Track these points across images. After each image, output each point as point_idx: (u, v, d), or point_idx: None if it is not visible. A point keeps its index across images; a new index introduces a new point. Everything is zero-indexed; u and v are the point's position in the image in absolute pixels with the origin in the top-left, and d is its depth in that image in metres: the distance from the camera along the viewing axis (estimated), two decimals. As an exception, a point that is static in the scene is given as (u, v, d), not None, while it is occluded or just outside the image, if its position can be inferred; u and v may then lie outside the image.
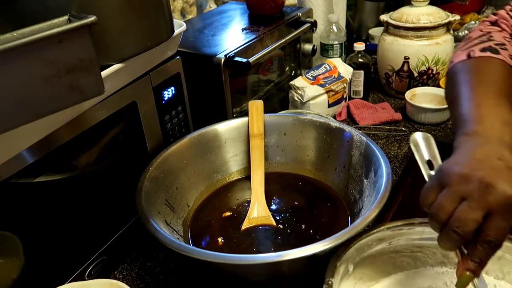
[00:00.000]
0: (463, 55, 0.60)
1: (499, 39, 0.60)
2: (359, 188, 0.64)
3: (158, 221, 0.55)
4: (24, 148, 0.48)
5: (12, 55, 0.36)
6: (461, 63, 0.59)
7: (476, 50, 0.58)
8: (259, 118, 0.73)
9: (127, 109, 0.61)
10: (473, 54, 0.58)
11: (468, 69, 0.57)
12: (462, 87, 0.54)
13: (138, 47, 0.54)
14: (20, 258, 0.52)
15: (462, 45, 0.63)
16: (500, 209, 0.39)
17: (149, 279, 0.64)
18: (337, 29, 1.09)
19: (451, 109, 0.55)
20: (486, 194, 0.39)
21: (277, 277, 0.57)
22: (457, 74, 0.58)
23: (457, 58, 0.60)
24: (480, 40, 0.61)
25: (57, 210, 0.55)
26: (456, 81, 0.56)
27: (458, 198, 0.40)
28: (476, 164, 0.41)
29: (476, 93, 0.51)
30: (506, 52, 0.58)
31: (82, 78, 0.39)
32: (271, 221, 0.64)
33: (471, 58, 0.58)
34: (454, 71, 0.59)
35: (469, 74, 0.55)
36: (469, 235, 0.39)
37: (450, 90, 0.58)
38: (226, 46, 0.83)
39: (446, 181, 0.42)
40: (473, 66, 0.57)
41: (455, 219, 0.40)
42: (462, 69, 0.57)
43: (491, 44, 0.59)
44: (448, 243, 0.41)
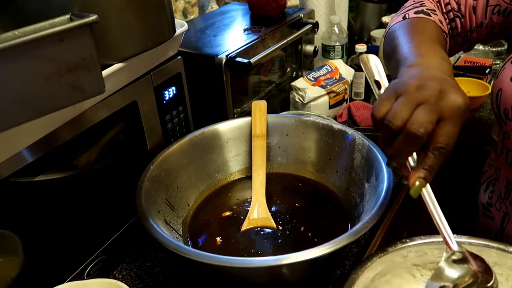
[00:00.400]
0: (399, 17, 0.65)
1: (430, 6, 0.66)
2: (360, 192, 0.64)
3: (157, 220, 0.55)
4: (24, 147, 0.48)
5: (14, 53, 0.36)
6: (398, 23, 0.64)
7: (410, 13, 0.64)
8: (262, 118, 0.73)
9: (127, 109, 0.61)
10: (407, 16, 0.64)
11: (404, 25, 0.61)
12: (400, 38, 0.58)
13: (139, 46, 0.54)
14: (20, 256, 0.52)
15: (398, 13, 0.68)
16: (452, 116, 0.42)
17: (148, 279, 0.64)
18: (338, 31, 1.09)
19: (391, 59, 0.58)
20: (441, 100, 0.42)
21: (275, 281, 0.57)
22: (394, 31, 0.62)
23: (393, 21, 0.66)
24: (413, 6, 0.66)
25: (57, 209, 0.55)
26: (394, 36, 0.61)
27: (414, 104, 0.42)
28: (427, 78, 0.44)
29: (415, 38, 0.56)
30: (437, 17, 0.64)
31: (83, 77, 0.39)
32: (271, 223, 0.64)
33: (406, 19, 0.63)
34: (392, 30, 0.64)
35: (406, 29, 0.60)
36: (425, 136, 0.41)
37: (389, 44, 0.62)
38: (227, 46, 0.83)
39: (401, 91, 0.43)
40: (409, 23, 0.62)
41: (412, 121, 0.41)
42: (399, 26, 0.62)
43: (423, 9, 0.64)
44: (400, 151, 0.43)
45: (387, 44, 0.63)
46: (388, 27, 0.67)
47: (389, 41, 0.62)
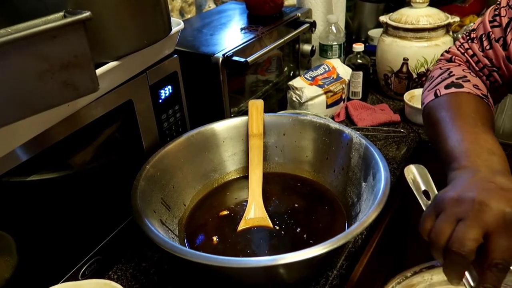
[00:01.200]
0: (431, 95, 0.63)
1: (459, 73, 0.63)
2: (357, 191, 0.63)
3: (153, 220, 0.55)
4: (18, 146, 0.47)
5: (6, 50, 0.35)
6: (431, 102, 0.62)
7: (441, 88, 0.61)
8: (259, 117, 0.72)
9: (123, 108, 0.60)
10: (439, 93, 0.61)
11: (438, 107, 0.59)
12: (439, 126, 0.56)
13: (134, 44, 0.53)
14: (13, 257, 0.52)
15: (427, 86, 0.67)
16: (498, 227, 0.39)
17: (143, 279, 0.64)
18: (336, 30, 1.09)
19: (436, 147, 0.57)
20: (481, 213, 0.39)
21: (272, 281, 0.57)
22: (430, 114, 0.61)
23: (426, 99, 0.64)
24: (442, 78, 0.64)
25: (51, 209, 0.55)
26: (432, 121, 0.59)
27: (454, 220, 0.40)
28: (468, 187, 0.42)
29: (455, 129, 0.53)
30: (469, 83, 0.60)
31: (77, 74, 0.39)
32: (268, 222, 0.64)
33: (438, 96, 0.61)
34: (427, 112, 0.62)
35: (442, 112, 0.57)
36: (471, 255, 0.39)
37: (430, 131, 0.61)
38: (224, 45, 0.82)
39: (440, 206, 0.42)
40: (443, 104, 0.59)
41: (453, 240, 0.39)
42: (434, 108, 0.60)
43: (453, 80, 0.62)
44: (453, 270, 0.41)
45: (427, 128, 0.63)
46: (422, 104, 0.65)
47: (428, 126, 0.62)
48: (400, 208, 0.94)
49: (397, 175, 0.85)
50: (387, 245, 0.93)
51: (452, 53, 0.70)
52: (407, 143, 0.94)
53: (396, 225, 0.97)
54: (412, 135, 0.96)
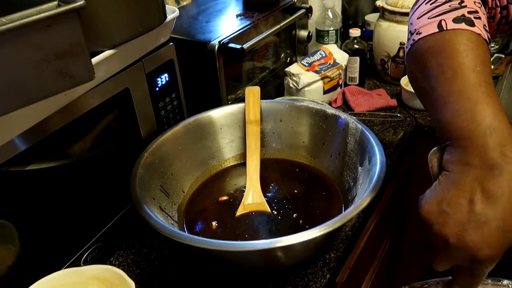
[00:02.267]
0: (433, 25, 0.49)
1: (471, 5, 0.51)
2: (354, 176, 0.64)
3: (152, 207, 0.56)
4: (16, 135, 0.48)
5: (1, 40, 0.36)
6: (431, 37, 0.48)
7: (449, 21, 0.48)
8: (255, 104, 0.73)
9: (120, 96, 0.61)
10: (445, 25, 0.48)
11: (442, 49, 0.47)
12: (434, 79, 0.46)
13: (129, 33, 0.53)
14: (16, 245, 0.53)
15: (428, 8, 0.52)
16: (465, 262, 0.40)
17: (144, 265, 0.65)
18: (332, 15, 1.08)
19: (424, 100, 0.49)
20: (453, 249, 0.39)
21: (270, 264, 0.58)
22: (426, 55, 0.48)
23: (425, 29, 0.49)
24: (451, 5, 0.50)
25: (52, 197, 0.55)
26: (425, 65, 0.48)
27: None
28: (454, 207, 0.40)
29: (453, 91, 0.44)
30: (480, 22, 0.49)
31: (72, 63, 0.39)
32: (266, 207, 0.65)
33: (443, 29, 0.48)
34: (423, 48, 0.49)
35: (441, 58, 0.46)
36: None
37: (420, 77, 0.49)
38: (220, 32, 0.82)
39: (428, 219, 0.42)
40: (447, 44, 0.47)
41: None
42: (433, 49, 0.48)
43: (464, 13, 0.49)
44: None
45: (418, 69, 0.49)
46: (418, 34, 0.50)
47: (421, 67, 0.48)
48: (397, 191, 0.95)
49: (393, 159, 0.85)
50: (384, 228, 0.95)
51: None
52: (403, 127, 0.94)
53: (393, 208, 0.98)
54: (408, 119, 0.96)
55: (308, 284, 0.60)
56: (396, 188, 0.94)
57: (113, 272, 0.50)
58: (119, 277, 0.49)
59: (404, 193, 1.04)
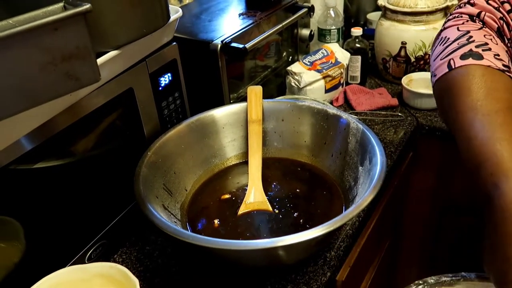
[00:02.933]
0: (444, 66, 0.52)
1: (480, 39, 0.52)
2: (354, 175, 0.65)
3: (155, 206, 0.56)
4: (23, 135, 0.49)
5: (9, 42, 0.36)
6: (443, 78, 0.52)
7: (457, 59, 0.51)
8: (257, 103, 0.73)
9: (124, 96, 0.61)
10: (453, 65, 0.51)
11: (449, 88, 0.51)
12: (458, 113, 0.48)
13: (134, 33, 0.54)
14: (21, 242, 0.53)
15: (440, 50, 0.55)
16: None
17: (148, 262, 0.66)
18: (334, 14, 1.09)
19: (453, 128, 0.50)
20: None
21: (271, 263, 0.59)
22: (442, 96, 0.52)
23: (439, 70, 0.53)
24: (459, 43, 0.53)
25: (57, 196, 0.56)
26: (445, 107, 0.51)
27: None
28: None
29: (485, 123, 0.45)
30: (490, 53, 0.51)
31: (78, 65, 0.40)
32: (268, 206, 0.65)
33: (452, 69, 0.51)
34: (439, 91, 0.53)
35: (451, 99, 0.49)
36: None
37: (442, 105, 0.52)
38: (223, 31, 0.83)
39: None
40: (454, 83, 0.50)
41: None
42: (445, 88, 0.51)
43: (471, 48, 0.51)
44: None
45: (439, 109, 0.54)
46: (434, 76, 0.55)
47: (440, 107, 0.54)
48: (397, 191, 0.96)
49: (394, 159, 0.86)
50: (384, 227, 0.95)
51: (480, 7, 0.57)
52: (404, 127, 0.95)
53: (393, 207, 0.99)
54: (409, 119, 0.97)
55: (309, 282, 0.60)
56: (396, 188, 0.94)
57: (117, 269, 0.51)
58: (124, 274, 0.50)
59: (404, 193, 1.05)
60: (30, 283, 0.50)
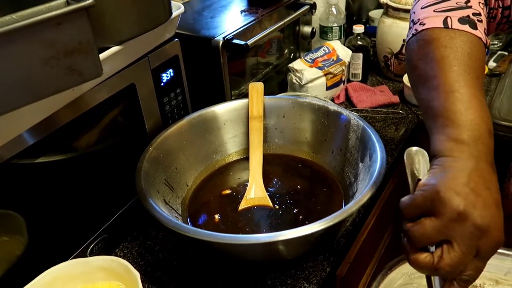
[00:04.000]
0: (438, 20, 0.51)
1: (476, 6, 0.52)
2: (355, 172, 0.65)
3: (156, 200, 0.57)
4: (25, 130, 0.49)
5: (12, 37, 0.37)
6: (436, 30, 0.51)
7: (454, 19, 0.50)
8: (259, 100, 0.74)
9: (126, 91, 0.62)
10: (450, 23, 0.50)
11: (446, 43, 0.49)
12: (438, 67, 0.48)
13: (136, 29, 0.54)
14: (24, 236, 0.54)
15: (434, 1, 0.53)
16: (487, 255, 0.39)
17: (149, 256, 0.66)
18: (336, 11, 1.09)
19: (421, 87, 0.51)
20: (481, 239, 0.38)
21: (272, 258, 0.59)
22: (429, 44, 0.50)
23: (430, 21, 0.52)
24: (458, 3, 0.52)
25: (59, 190, 0.57)
26: (430, 56, 0.50)
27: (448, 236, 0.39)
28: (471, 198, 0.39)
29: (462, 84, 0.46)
30: (482, 26, 0.51)
31: (81, 60, 0.40)
32: (268, 202, 0.66)
33: (447, 27, 0.50)
34: (427, 40, 0.51)
35: (449, 53, 0.49)
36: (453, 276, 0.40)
37: (422, 66, 0.51)
38: (224, 28, 0.83)
39: (440, 210, 0.39)
40: (452, 42, 0.49)
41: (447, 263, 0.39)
42: (438, 40, 0.50)
43: (469, 14, 0.51)
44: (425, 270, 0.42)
45: (418, 57, 0.51)
46: (419, 24, 0.53)
47: (422, 59, 0.51)
48: (397, 188, 0.96)
49: (394, 156, 0.86)
50: (384, 224, 0.96)
51: None
52: (405, 124, 0.95)
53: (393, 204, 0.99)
54: (410, 116, 0.97)
55: (309, 277, 0.61)
56: (396, 184, 0.95)
57: (119, 263, 0.51)
58: (125, 268, 0.51)
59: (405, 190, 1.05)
60: (33, 276, 0.50)
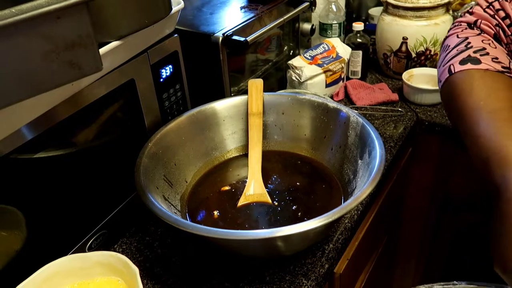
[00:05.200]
0: (445, 72, 0.57)
1: (478, 45, 0.56)
2: (354, 169, 0.65)
3: (156, 196, 0.57)
4: (24, 124, 0.49)
5: (11, 31, 0.36)
6: (445, 83, 0.56)
7: (456, 64, 0.55)
8: (258, 96, 0.74)
9: (125, 87, 0.61)
10: (453, 70, 0.55)
11: (451, 92, 0.54)
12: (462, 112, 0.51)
13: (135, 24, 0.54)
14: (23, 231, 0.54)
15: (442, 58, 0.60)
16: None
17: (148, 252, 0.66)
18: (336, 9, 1.09)
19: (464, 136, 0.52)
20: None
21: (270, 254, 0.59)
22: (445, 100, 0.56)
23: (442, 77, 0.58)
24: (458, 50, 0.57)
25: (58, 185, 0.57)
26: (448, 110, 0.56)
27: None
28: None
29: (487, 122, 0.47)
30: (488, 58, 0.54)
31: (81, 54, 0.40)
32: (267, 198, 0.66)
33: (452, 74, 0.55)
34: (443, 96, 0.58)
35: (454, 101, 0.53)
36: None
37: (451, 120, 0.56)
38: (224, 24, 0.83)
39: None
40: (455, 86, 0.53)
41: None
42: (447, 92, 0.55)
43: (470, 54, 0.55)
44: None
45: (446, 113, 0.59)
46: (439, 82, 0.59)
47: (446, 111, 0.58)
48: (396, 186, 0.96)
49: (393, 154, 0.86)
50: (383, 222, 0.96)
51: (477, 15, 0.60)
52: (404, 122, 0.95)
53: (392, 202, 0.99)
54: (409, 114, 0.97)
55: (307, 274, 0.61)
56: (395, 182, 0.95)
57: (117, 258, 0.52)
58: (124, 263, 0.51)
59: (403, 188, 1.06)
60: (31, 271, 0.50)
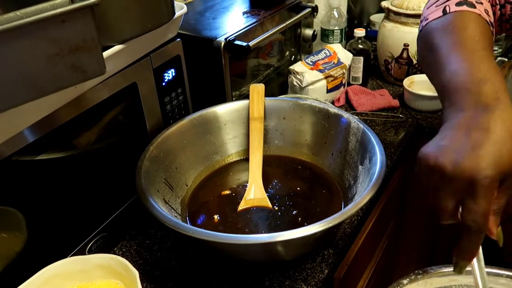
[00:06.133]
0: (438, 11, 0.55)
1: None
2: (354, 174, 0.65)
3: (156, 199, 0.57)
4: (26, 127, 0.49)
5: (16, 34, 0.37)
6: (436, 19, 0.55)
7: (452, 5, 0.55)
8: (259, 101, 0.74)
9: (127, 90, 0.62)
10: (448, 9, 0.54)
11: (442, 29, 0.53)
12: (437, 53, 0.50)
13: (139, 28, 0.54)
14: (23, 232, 0.54)
15: (435, 0, 0.59)
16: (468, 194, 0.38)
17: (147, 255, 0.66)
18: (338, 15, 1.09)
19: (431, 78, 0.53)
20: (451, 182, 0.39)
21: (270, 258, 0.59)
22: (432, 32, 0.54)
23: (432, 15, 0.56)
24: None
25: (59, 188, 0.57)
26: (430, 45, 0.53)
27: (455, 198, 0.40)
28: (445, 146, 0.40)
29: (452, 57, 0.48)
30: (482, 6, 0.54)
31: (85, 58, 0.40)
32: (267, 203, 0.66)
33: (446, 13, 0.54)
34: (429, 29, 0.55)
35: (443, 37, 0.52)
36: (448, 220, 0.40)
37: (427, 48, 0.54)
38: (226, 29, 0.83)
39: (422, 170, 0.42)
40: (450, 24, 0.53)
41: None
42: (436, 30, 0.53)
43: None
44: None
45: (424, 48, 0.55)
46: (424, 20, 0.57)
47: (426, 45, 0.54)
48: (396, 191, 0.96)
49: (394, 159, 0.86)
50: (383, 227, 0.96)
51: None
52: (405, 128, 0.95)
53: (392, 207, 0.99)
54: (410, 120, 0.97)
55: (307, 279, 0.61)
56: (395, 188, 0.95)
57: (117, 261, 0.51)
58: (124, 266, 0.51)
59: (403, 194, 1.06)
60: (31, 273, 0.50)
